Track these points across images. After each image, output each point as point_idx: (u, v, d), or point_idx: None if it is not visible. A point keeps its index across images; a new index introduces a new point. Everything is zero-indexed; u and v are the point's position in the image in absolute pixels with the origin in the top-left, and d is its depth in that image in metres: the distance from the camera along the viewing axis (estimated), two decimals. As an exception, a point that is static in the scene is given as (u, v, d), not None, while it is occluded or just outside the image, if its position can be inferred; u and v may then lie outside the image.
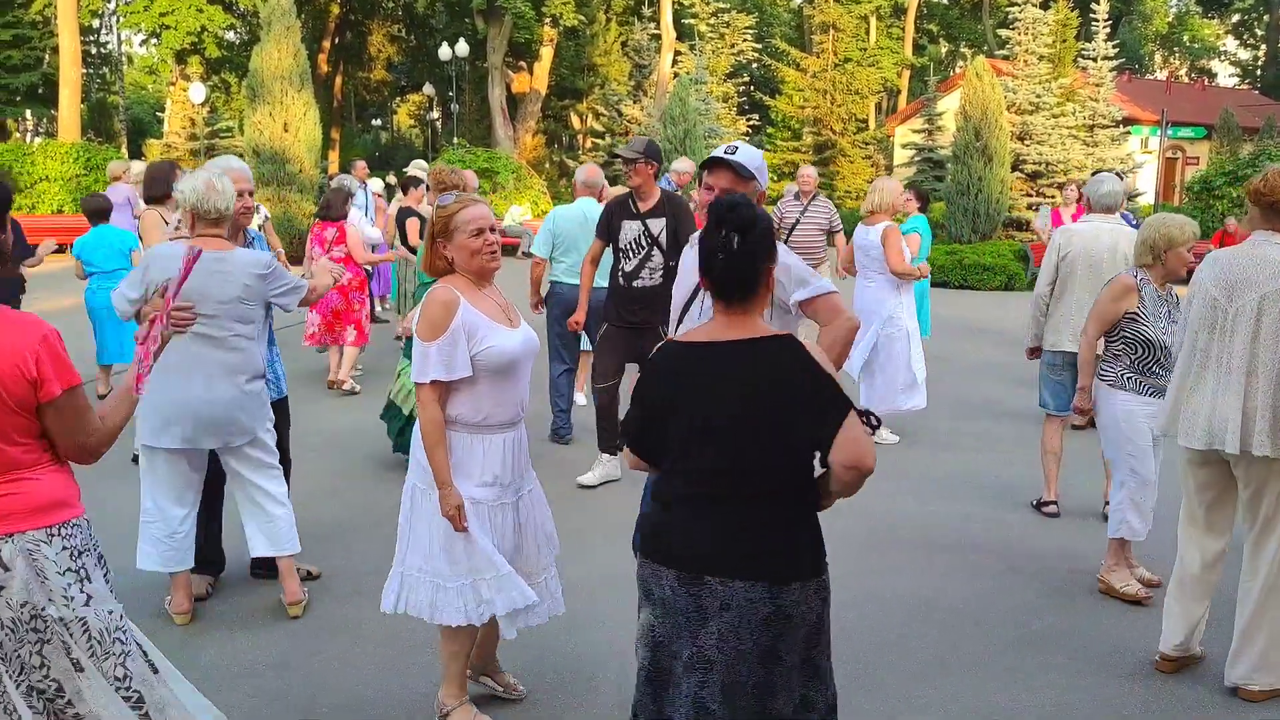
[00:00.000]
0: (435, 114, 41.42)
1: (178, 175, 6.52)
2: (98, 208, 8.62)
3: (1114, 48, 24.93)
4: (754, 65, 38.38)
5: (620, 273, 6.31)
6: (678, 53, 34.17)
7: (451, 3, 38.16)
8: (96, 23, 41.23)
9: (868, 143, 34.43)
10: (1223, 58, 55.72)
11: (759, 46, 36.43)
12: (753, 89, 35.76)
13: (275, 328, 4.89)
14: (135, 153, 33.89)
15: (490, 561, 3.46)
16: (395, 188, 15.37)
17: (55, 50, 31.42)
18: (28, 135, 41.41)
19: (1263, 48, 51.94)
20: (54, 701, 2.56)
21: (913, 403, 7.60)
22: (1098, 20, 24.31)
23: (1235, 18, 51.66)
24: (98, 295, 8.37)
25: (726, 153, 3.74)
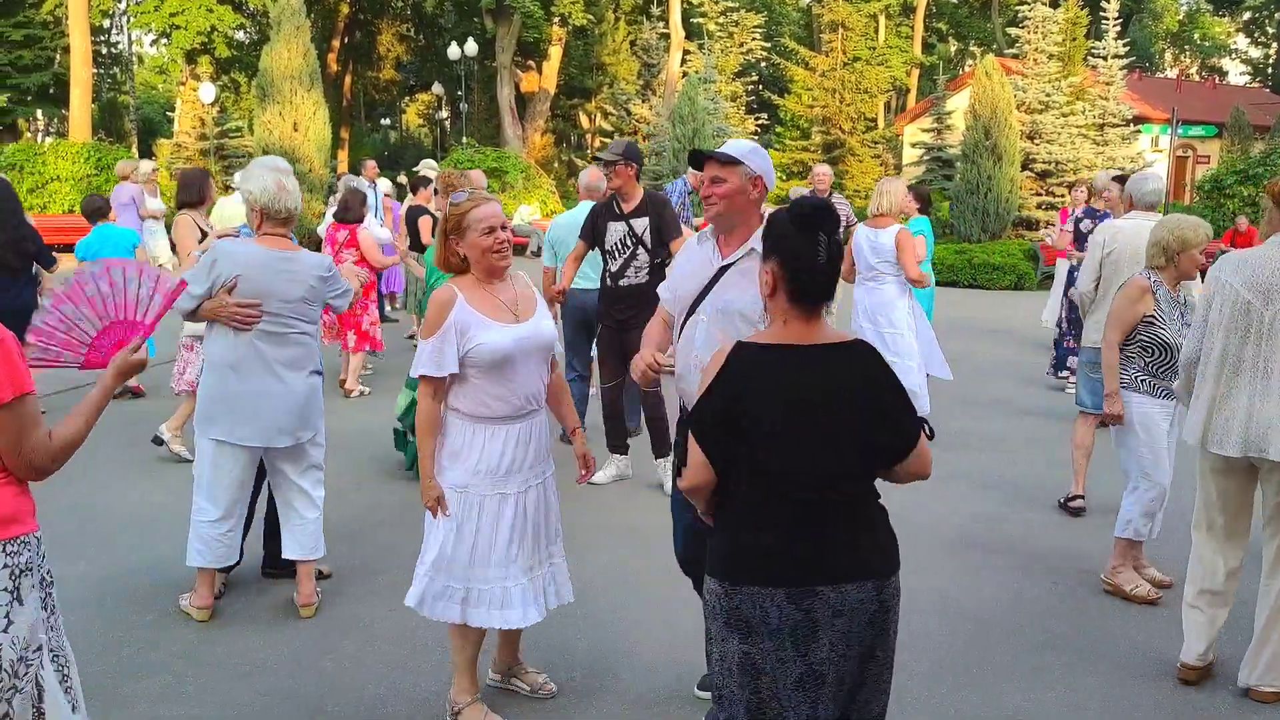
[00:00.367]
0: (444, 113, 41.50)
1: (211, 183, 6.61)
2: (95, 208, 8.68)
3: (1124, 46, 24.84)
4: (763, 64, 38.33)
5: (607, 273, 6.43)
6: (686, 52, 34.18)
7: (460, 2, 38.24)
8: (107, 23, 41.37)
9: (877, 142, 34.36)
10: (1234, 56, 55.48)
11: (768, 45, 36.37)
12: (761, 88, 35.70)
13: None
14: (145, 152, 33.98)
15: (483, 573, 3.54)
16: (405, 188, 15.40)
17: (66, 50, 31.52)
18: (39, 135, 41.53)
19: (1274, 46, 51.69)
20: None
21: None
22: (1108, 19, 24.23)
23: (1246, 15, 51.37)
24: None
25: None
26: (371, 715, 3.82)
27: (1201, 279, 4.79)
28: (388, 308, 12.70)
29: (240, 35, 38.64)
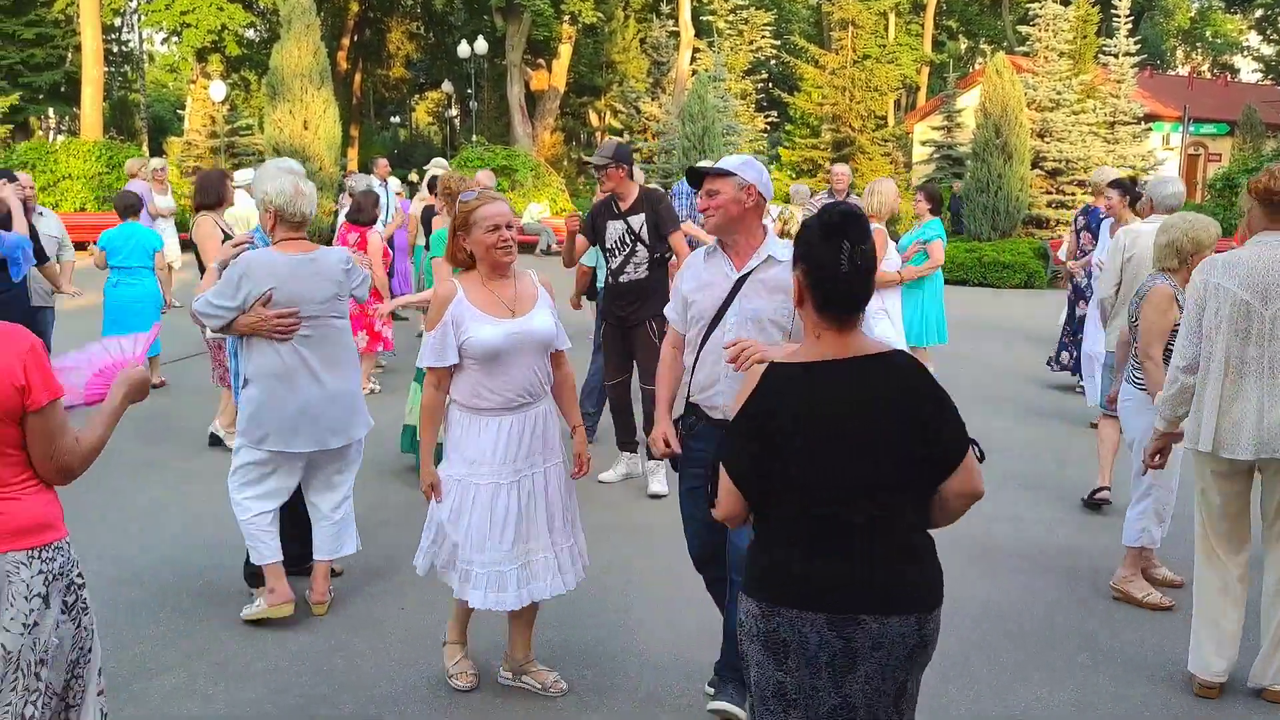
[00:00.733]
0: (454, 111, 41.50)
1: (229, 184, 6.62)
2: (129, 204, 8.90)
3: (1135, 44, 24.74)
4: (772, 62, 38.26)
5: (609, 271, 6.49)
6: (696, 50, 34.10)
7: (470, 0, 38.23)
8: (118, 21, 41.51)
9: (887, 140, 34.24)
10: (1246, 53, 55.19)
11: (777, 43, 36.27)
12: (771, 86, 35.53)
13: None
14: (156, 150, 34.02)
15: (479, 557, 3.70)
16: (415, 185, 15.40)
17: (78, 49, 31.66)
18: (50, 133, 41.71)
19: (1286, 43, 51.50)
20: None
21: None
22: (1119, 16, 24.12)
23: (1258, 13, 51.09)
24: (119, 289, 8.51)
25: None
26: (383, 713, 3.84)
27: None
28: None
29: (250, 33, 38.73)
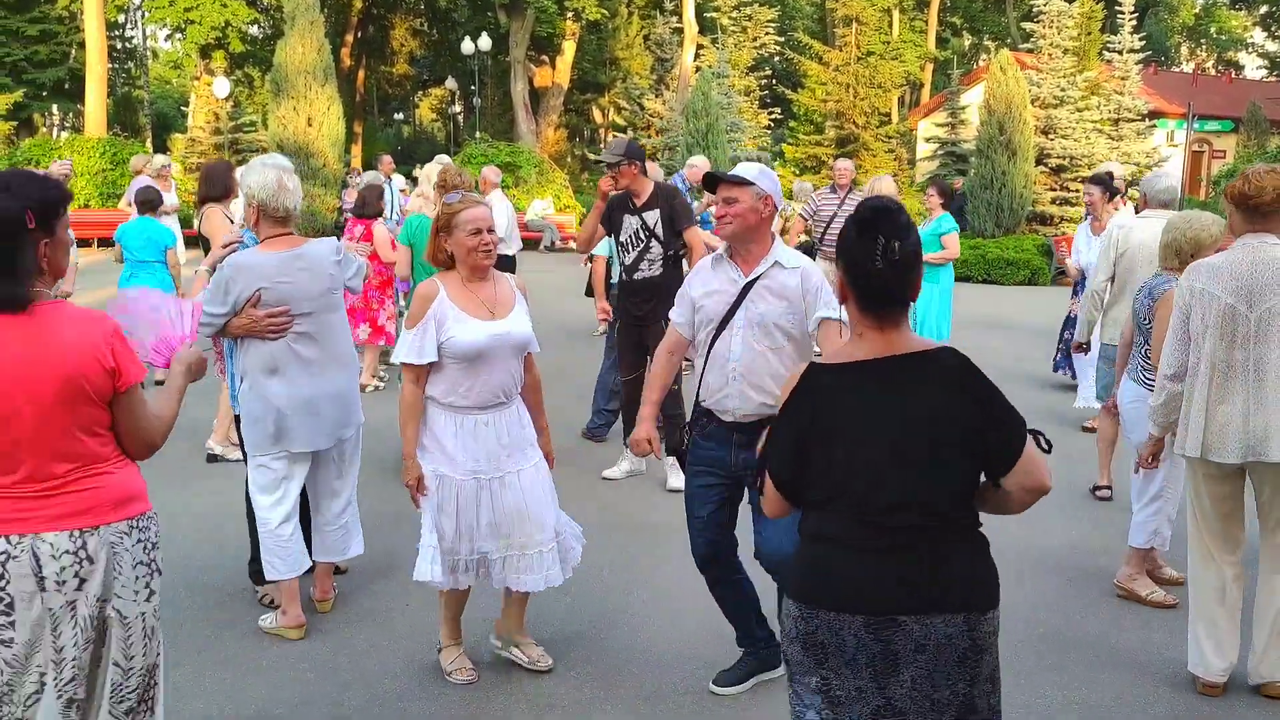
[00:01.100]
0: (457, 108, 41.53)
1: (234, 175, 6.59)
2: (149, 199, 9.16)
3: (1140, 40, 24.71)
4: (776, 59, 38.23)
5: (622, 265, 6.48)
6: (700, 46, 34.08)
7: (474, -4, 38.25)
8: (122, 18, 41.51)
9: (890, 136, 34.19)
10: (1250, 49, 55.08)
11: (781, 40, 36.23)
12: (775, 82, 35.51)
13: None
14: (160, 147, 34.07)
15: (468, 545, 3.84)
16: (416, 181, 15.38)
17: (82, 45, 31.67)
18: (54, 130, 41.73)
19: (1291, 39, 51.40)
20: (74, 695, 2.58)
21: None
22: (1123, 12, 24.10)
23: (1263, 9, 51.00)
24: (132, 282, 8.75)
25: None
26: (387, 711, 3.85)
27: None
28: (402, 303, 12.72)
29: (254, 30, 38.76)
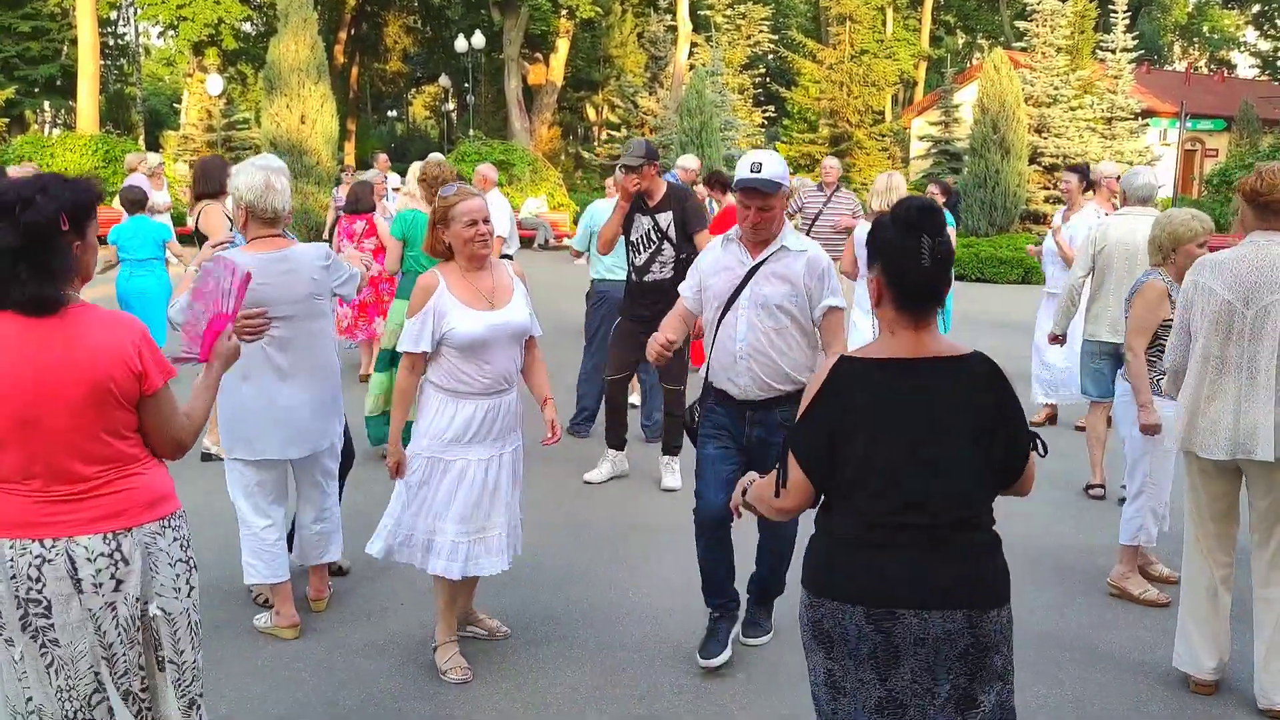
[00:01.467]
0: (451, 105, 41.44)
1: (229, 171, 6.55)
2: (136, 199, 9.13)
3: (1133, 39, 24.77)
4: (770, 57, 38.23)
5: (632, 266, 6.41)
6: (694, 44, 34.08)
7: (467, -6, 38.17)
8: (114, 14, 41.34)
9: (884, 135, 34.27)
10: (1243, 49, 55.22)
11: (775, 38, 36.26)
12: (769, 81, 35.57)
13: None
14: (152, 144, 33.97)
15: (441, 526, 3.90)
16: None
17: (74, 42, 31.53)
18: (46, 127, 41.58)
19: (1284, 38, 51.53)
20: (139, 700, 2.61)
21: None
22: (1116, 11, 24.16)
23: (1255, 8, 51.14)
24: (130, 282, 8.85)
25: (753, 171, 3.88)
26: (383, 711, 3.85)
27: None
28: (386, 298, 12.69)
29: (247, 27, 38.60)
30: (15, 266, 2.39)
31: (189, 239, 7.15)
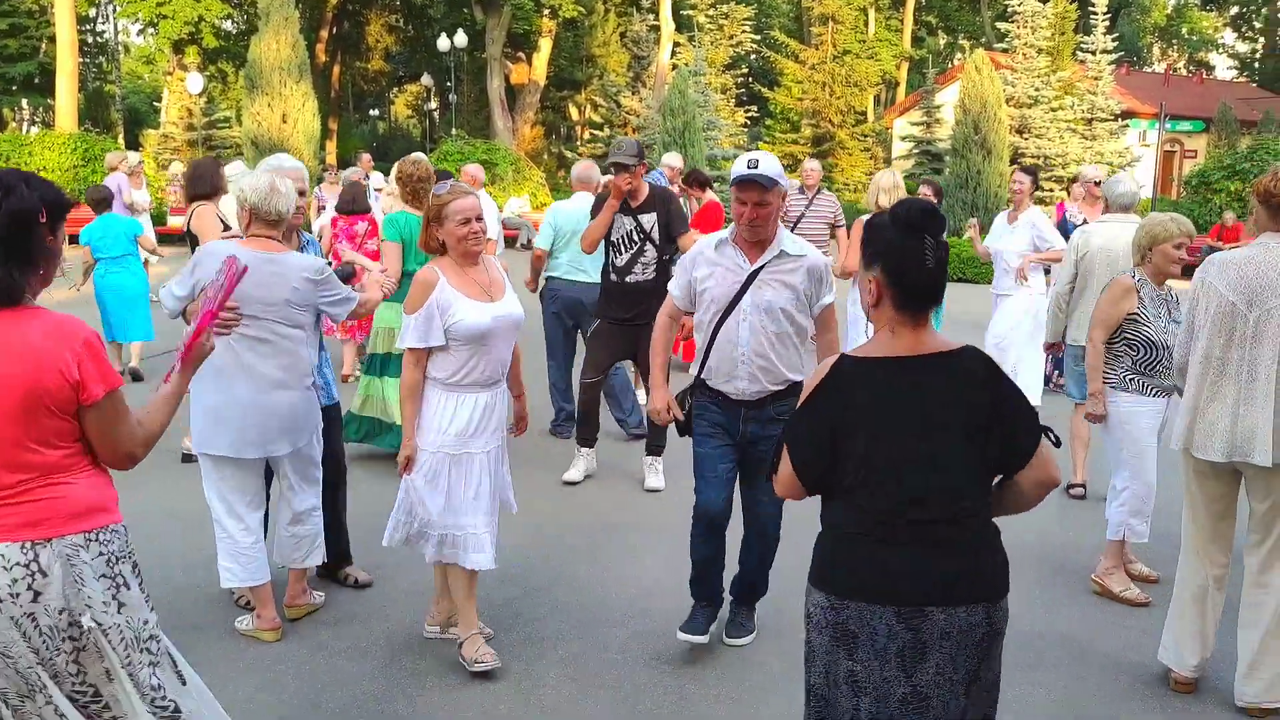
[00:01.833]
0: (433, 104, 41.36)
1: (222, 172, 6.47)
2: (101, 198, 9.25)
3: (1113, 41, 24.94)
4: (753, 57, 38.32)
5: (612, 267, 6.33)
6: (676, 44, 34.14)
7: (450, -7, 38.09)
8: (93, 12, 41.04)
9: (866, 135, 34.40)
10: (1221, 50, 55.64)
11: (758, 38, 36.32)
12: (751, 81, 35.67)
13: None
14: (132, 143, 33.79)
15: (455, 521, 3.96)
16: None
17: (52, 39, 31.30)
18: (24, 125, 41.27)
19: (1261, 40, 51.91)
20: (88, 708, 2.56)
21: None
22: (1096, 13, 24.31)
23: (1234, 10, 51.57)
24: (106, 279, 8.99)
25: (750, 167, 3.90)
26: (366, 712, 3.84)
27: (1185, 276, 4.70)
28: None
29: (228, 25, 38.41)
30: None
31: (174, 239, 7.11)
